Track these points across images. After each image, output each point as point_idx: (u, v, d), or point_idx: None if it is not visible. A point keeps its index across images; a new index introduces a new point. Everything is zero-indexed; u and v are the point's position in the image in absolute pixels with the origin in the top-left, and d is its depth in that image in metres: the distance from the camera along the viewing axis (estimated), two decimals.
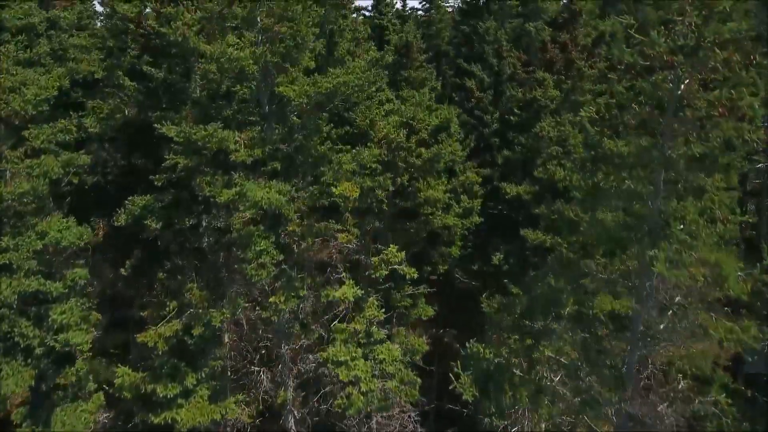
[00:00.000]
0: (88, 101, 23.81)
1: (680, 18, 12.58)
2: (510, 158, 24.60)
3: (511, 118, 24.79)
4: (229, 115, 18.14)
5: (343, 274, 18.49)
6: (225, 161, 17.31)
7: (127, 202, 18.16)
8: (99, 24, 28.18)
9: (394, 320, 21.80)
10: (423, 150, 19.08)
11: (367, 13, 47.64)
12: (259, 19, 17.38)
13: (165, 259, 19.44)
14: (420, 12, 50.57)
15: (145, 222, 17.80)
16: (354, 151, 17.28)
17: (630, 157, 13.19)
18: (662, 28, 12.56)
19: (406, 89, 31.20)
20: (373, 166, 17.54)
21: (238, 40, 16.24)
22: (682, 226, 13.18)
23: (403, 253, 17.03)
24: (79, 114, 22.85)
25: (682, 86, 12.94)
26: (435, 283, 22.28)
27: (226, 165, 17.30)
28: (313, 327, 19.55)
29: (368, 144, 20.64)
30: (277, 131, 17.53)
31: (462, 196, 20.11)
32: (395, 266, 17.43)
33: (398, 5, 54.78)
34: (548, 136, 22.62)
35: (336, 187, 16.45)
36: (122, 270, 18.52)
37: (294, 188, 17.63)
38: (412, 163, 18.92)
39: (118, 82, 21.03)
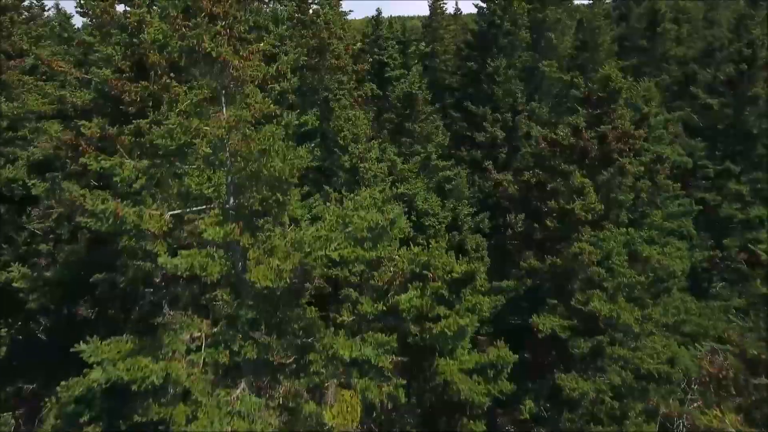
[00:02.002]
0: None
1: None
2: (537, 270, 19.89)
3: (544, 225, 19.97)
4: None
5: None
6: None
7: (59, 388, 13.50)
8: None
9: None
10: (441, 311, 14.36)
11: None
12: (229, 161, 12.56)
13: None
14: (422, 44, 45.31)
15: (81, 419, 13.14)
16: (357, 342, 12.51)
17: None
18: None
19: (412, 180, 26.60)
20: (384, 366, 12.74)
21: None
22: None
23: None
24: None
25: None
26: None
27: None
28: None
29: (371, 277, 16.04)
30: (250, 306, 12.77)
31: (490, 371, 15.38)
32: None
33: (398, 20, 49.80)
34: (588, 259, 17.91)
35: (330, 410, 11.74)
36: None
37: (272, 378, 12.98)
38: (428, 328, 14.21)
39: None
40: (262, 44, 12.91)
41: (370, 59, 35.66)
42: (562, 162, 21.45)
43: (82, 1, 17.03)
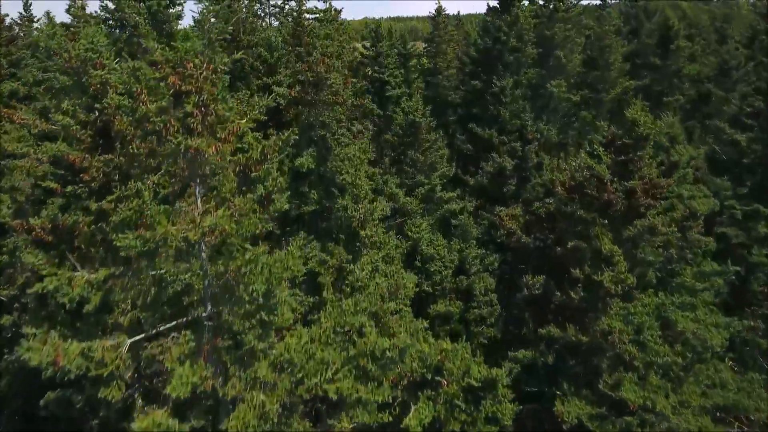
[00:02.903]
0: None
1: None
2: (557, 338, 17.54)
3: (567, 293, 17.58)
4: None
5: None
6: None
7: None
8: None
9: None
10: (458, 423, 12.00)
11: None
12: (206, 264, 10.17)
13: None
14: (424, 58, 42.70)
15: None
16: None
17: None
18: None
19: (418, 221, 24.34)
20: None
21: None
22: None
23: None
24: None
25: None
26: None
27: None
28: None
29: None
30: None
31: None
32: None
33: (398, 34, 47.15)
34: (619, 338, 15.59)
35: None
36: None
37: None
38: None
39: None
40: (243, 121, 10.48)
41: (370, 73, 33.37)
42: (581, 208, 19.09)
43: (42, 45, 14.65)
